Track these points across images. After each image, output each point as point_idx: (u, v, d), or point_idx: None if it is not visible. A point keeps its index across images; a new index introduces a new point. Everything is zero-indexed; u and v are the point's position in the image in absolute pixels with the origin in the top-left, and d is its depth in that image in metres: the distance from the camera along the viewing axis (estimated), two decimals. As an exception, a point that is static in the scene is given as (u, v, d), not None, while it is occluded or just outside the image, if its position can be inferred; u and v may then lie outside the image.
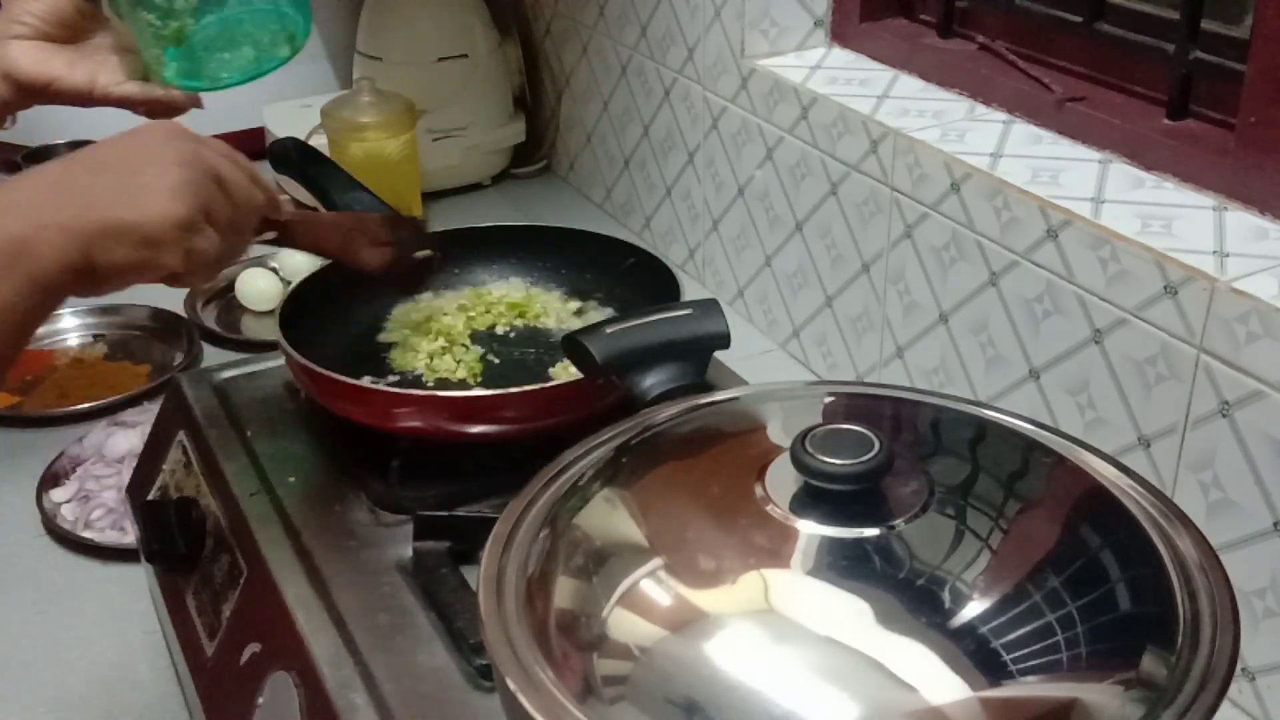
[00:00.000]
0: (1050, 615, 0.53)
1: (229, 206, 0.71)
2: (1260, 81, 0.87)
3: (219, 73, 0.90)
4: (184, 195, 0.66)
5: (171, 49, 0.87)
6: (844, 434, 0.58)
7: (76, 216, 0.62)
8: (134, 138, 0.69)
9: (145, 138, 0.69)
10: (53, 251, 0.61)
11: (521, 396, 0.89)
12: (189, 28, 0.86)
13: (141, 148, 0.68)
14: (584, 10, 1.57)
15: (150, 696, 0.94)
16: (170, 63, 0.88)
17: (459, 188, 1.69)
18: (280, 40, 0.90)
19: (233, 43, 0.89)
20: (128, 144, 0.69)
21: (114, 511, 1.09)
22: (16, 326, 0.61)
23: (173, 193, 0.66)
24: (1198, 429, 0.84)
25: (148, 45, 0.87)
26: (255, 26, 0.89)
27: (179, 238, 0.66)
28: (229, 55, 0.89)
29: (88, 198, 0.64)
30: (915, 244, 1.07)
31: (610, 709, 0.52)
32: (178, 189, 0.66)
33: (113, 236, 0.63)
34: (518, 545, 0.60)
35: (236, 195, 0.71)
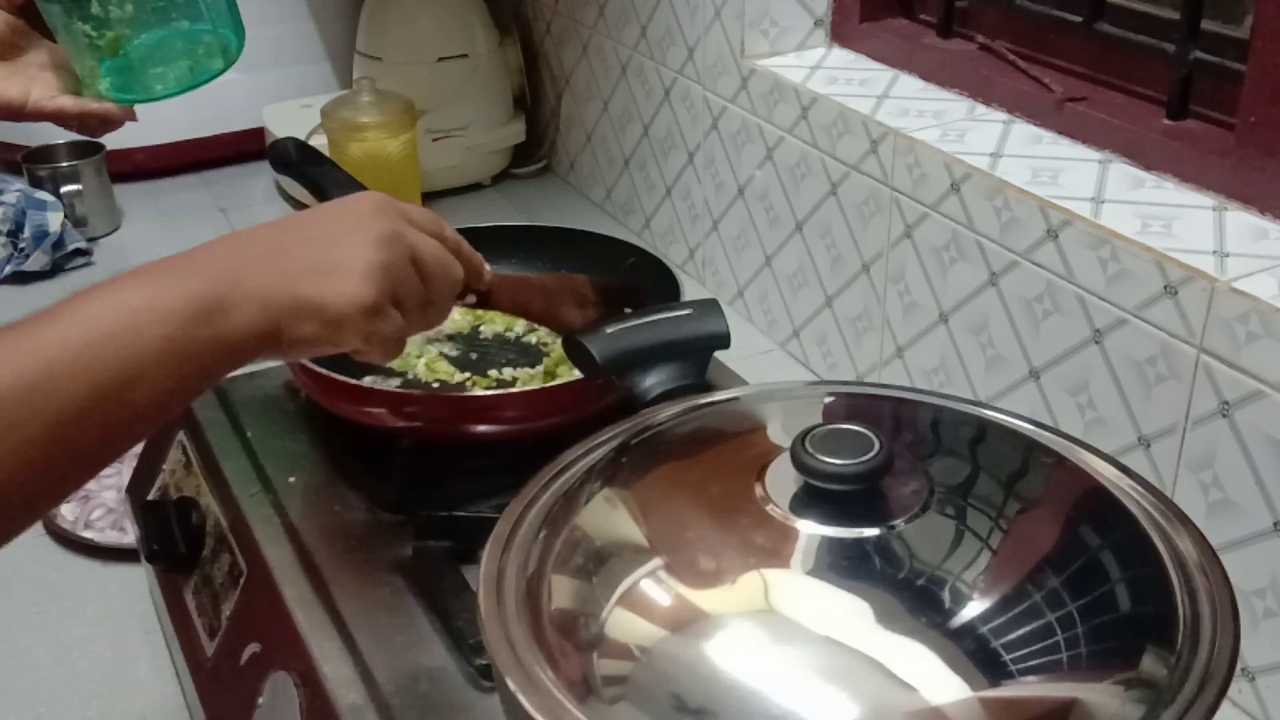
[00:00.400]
0: (1050, 615, 0.53)
1: (421, 288, 0.69)
2: (1260, 81, 0.87)
3: (153, 85, 0.90)
4: (373, 279, 0.65)
5: (106, 61, 0.87)
6: (844, 434, 0.58)
7: (273, 286, 0.62)
8: (342, 208, 0.69)
9: (353, 209, 0.68)
10: (245, 318, 0.61)
11: (521, 396, 0.89)
12: (125, 38, 0.86)
13: (345, 220, 0.67)
14: (584, 10, 1.57)
15: (150, 696, 0.94)
16: (105, 75, 0.88)
17: (459, 188, 1.69)
18: (214, 52, 0.90)
19: (167, 56, 0.89)
20: (334, 214, 0.68)
21: (114, 511, 1.09)
22: (192, 379, 0.60)
23: (363, 275, 0.65)
24: (1198, 429, 0.84)
25: (83, 57, 0.88)
26: (189, 40, 0.89)
27: (361, 321, 0.65)
28: (163, 68, 0.89)
29: (287, 268, 0.63)
30: (915, 244, 1.07)
31: (610, 709, 0.52)
32: (369, 272, 0.65)
33: (300, 312, 0.63)
34: (518, 545, 0.60)
35: (432, 276, 0.70)
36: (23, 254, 1.47)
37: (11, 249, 1.47)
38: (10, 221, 1.47)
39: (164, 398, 0.59)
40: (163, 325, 0.58)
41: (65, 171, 1.55)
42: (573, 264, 1.07)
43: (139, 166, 1.70)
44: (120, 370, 0.56)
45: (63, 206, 1.51)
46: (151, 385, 0.58)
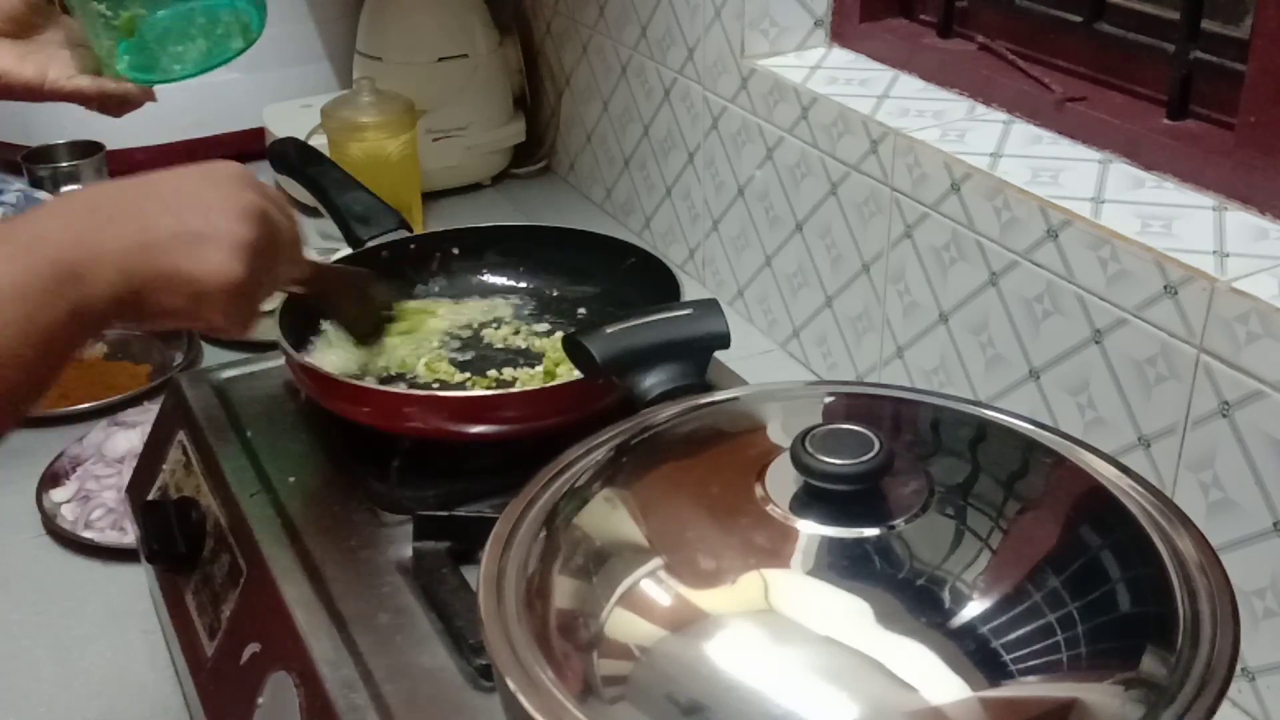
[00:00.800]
0: (1050, 615, 0.53)
1: (277, 269, 0.69)
2: (1260, 81, 0.87)
3: (171, 65, 0.88)
4: (243, 256, 0.64)
5: (124, 41, 0.86)
6: (844, 434, 0.58)
7: (133, 254, 0.60)
8: (202, 177, 0.67)
9: (214, 178, 0.67)
10: (103, 285, 0.59)
11: (521, 396, 0.89)
12: (140, 18, 0.85)
13: (209, 191, 0.66)
14: (584, 10, 1.57)
15: (150, 696, 0.94)
16: (123, 55, 0.87)
17: (459, 188, 1.69)
18: (234, 32, 0.89)
19: (185, 35, 0.88)
20: (194, 183, 0.66)
21: (114, 511, 1.09)
22: (57, 353, 0.58)
23: (234, 251, 0.64)
24: (1198, 429, 0.84)
25: (99, 37, 0.86)
26: (208, 19, 0.88)
27: (226, 299, 0.64)
28: (182, 48, 0.88)
29: (147, 235, 0.61)
30: (915, 244, 1.07)
31: (610, 709, 0.52)
32: (238, 248, 0.64)
33: (165, 284, 0.61)
34: (518, 545, 0.60)
35: (285, 256, 0.69)
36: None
37: (11, 249, 1.47)
38: (10, 221, 1.47)
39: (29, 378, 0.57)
40: (20, 304, 0.55)
41: (65, 171, 1.55)
42: (573, 264, 1.08)
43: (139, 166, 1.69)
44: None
45: (63, 206, 1.51)
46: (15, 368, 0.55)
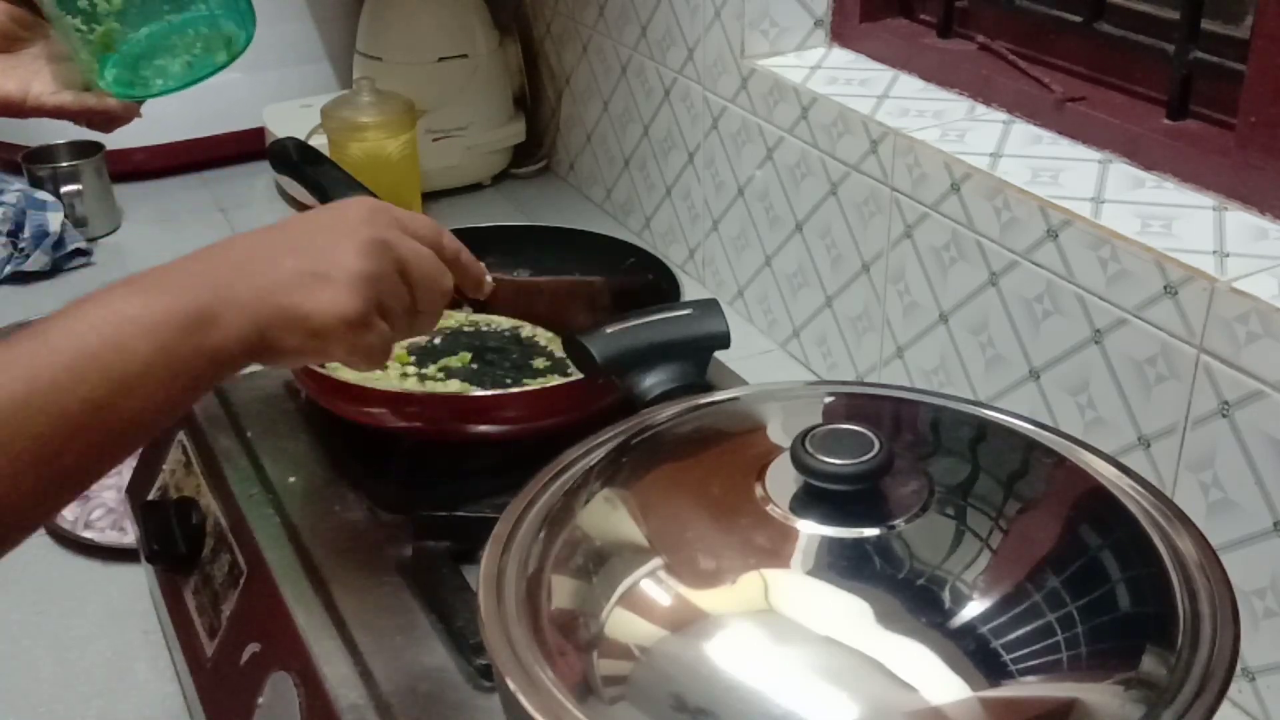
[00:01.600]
0: (1050, 615, 0.53)
1: (408, 298, 0.68)
2: (1260, 81, 0.87)
3: (154, 80, 0.87)
4: (358, 290, 0.64)
5: (104, 56, 0.86)
6: (844, 434, 0.58)
7: (259, 296, 0.62)
8: (333, 214, 0.68)
9: (342, 215, 0.67)
10: (232, 329, 0.60)
11: (521, 396, 0.89)
12: (116, 34, 0.85)
13: (334, 228, 0.66)
14: (584, 10, 1.57)
15: (150, 696, 0.94)
16: (104, 71, 0.86)
17: (459, 188, 1.69)
18: (216, 46, 0.88)
19: (167, 50, 0.87)
20: (324, 221, 0.67)
21: (114, 511, 1.09)
22: (182, 389, 0.59)
23: (349, 286, 0.64)
24: (1198, 429, 0.84)
25: (79, 52, 0.85)
26: (190, 34, 0.88)
27: (345, 333, 0.64)
28: (164, 62, 0.87)
29: (275, 278, 0.63)
30: (915, 244, 1.07)
31: (610, 709, 0.52)
32: (354, 283, 0.64)
33: (286, 323, 0.62)
34: (518, 545, 0.60)
35: (419, 285, 0.69)
36: (23, 254, 1.47)
37: (11, 249, 1.47)
38: (10, 221, 1.47)
39: (153, 410, 0.58)
40: (151, 338, 0.57)
41: (65, 171, 1.55)
42: (572, 264, 1.08)
43: (139, 166, 1.70)
44: (109, 384, 0.56)
45: (63, 206, 1.51)
46: (141, 398, 0.57)
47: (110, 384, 0.56)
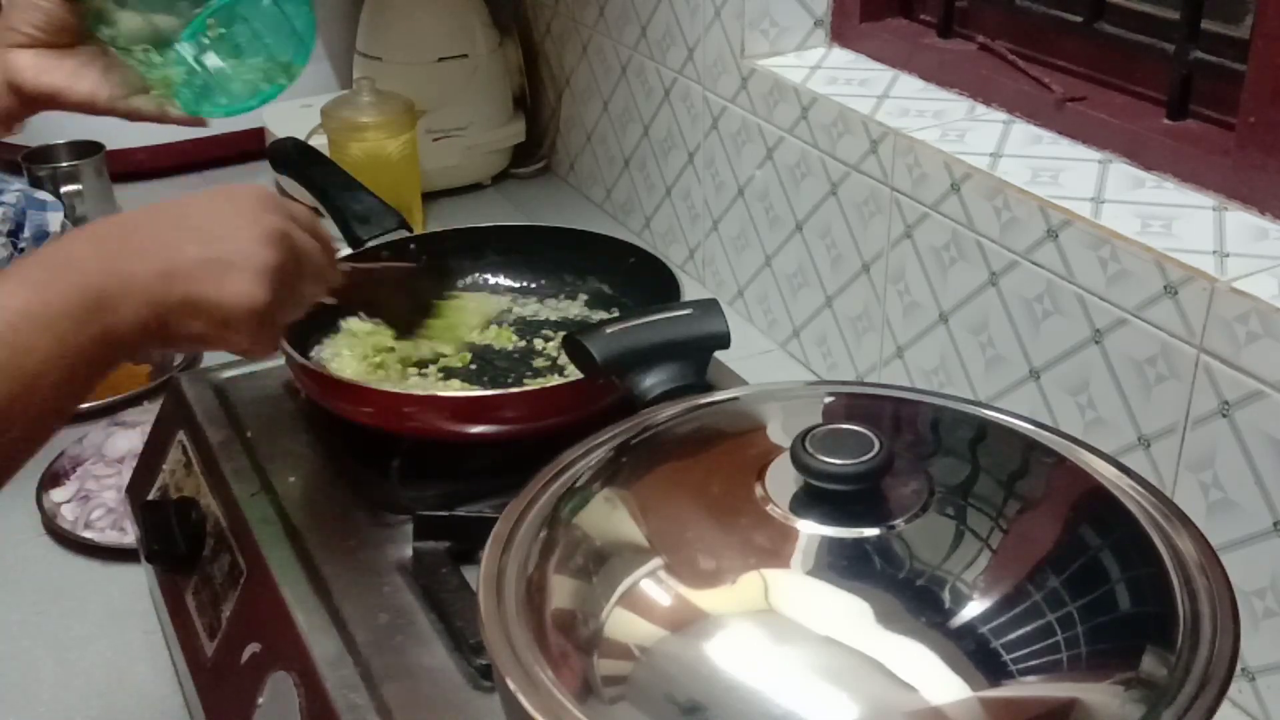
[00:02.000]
0: (1050, 615, 0.53)
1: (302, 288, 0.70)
2: (1260, 81, 0.87)
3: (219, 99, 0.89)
4: (266, 281, 0.65)
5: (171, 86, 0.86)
6: (844, 434, 0.58)
7: (158, 281, 0.62)
8: (225, 201, 0.68)
9: (237, 203, 0.68)
10: (131, 312, 0.60)
11: (521, 396, 0.89)
12: (173, 79, 0.85)
13: (232, 216, 0.67)
14: (584, 10, 1.57)
15: (150, 696, 0.94)
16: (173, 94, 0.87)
17: (459, 188, 1.69)
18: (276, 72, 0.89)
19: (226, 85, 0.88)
20: (218, 207, 0.67)
21: (114, 511, 1.09)
22: (83, 378, 0.60)
23: (257, 276, 0.64)
24: (1198, 429, 0.84)
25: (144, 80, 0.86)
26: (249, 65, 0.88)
27: (253, 324, 0.65)
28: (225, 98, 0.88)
29: (172, 263, 0.63)
30: (915, 244, 1.07)
31: (610, 709, 0.52)
32: (262, 273, 0.65)
33: (191, 310, 0.63)
34: (518, 545, 0.60)
35: (309, 279, 0.70)
36: (23, 254, 1.47)
37: (11, 249, 1.47)
38: (10, 221, 1.47)
39: (55, 403, 0.58)
40: (49, 332, 0.57)
41: (65, 171, 1.55)
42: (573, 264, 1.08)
43: (139, 166, 1.70)
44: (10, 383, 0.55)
45: (63, 206, 1.51)
46: (45, 390, 0.57)
47: (11, 383, 0.56)
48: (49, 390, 0.57)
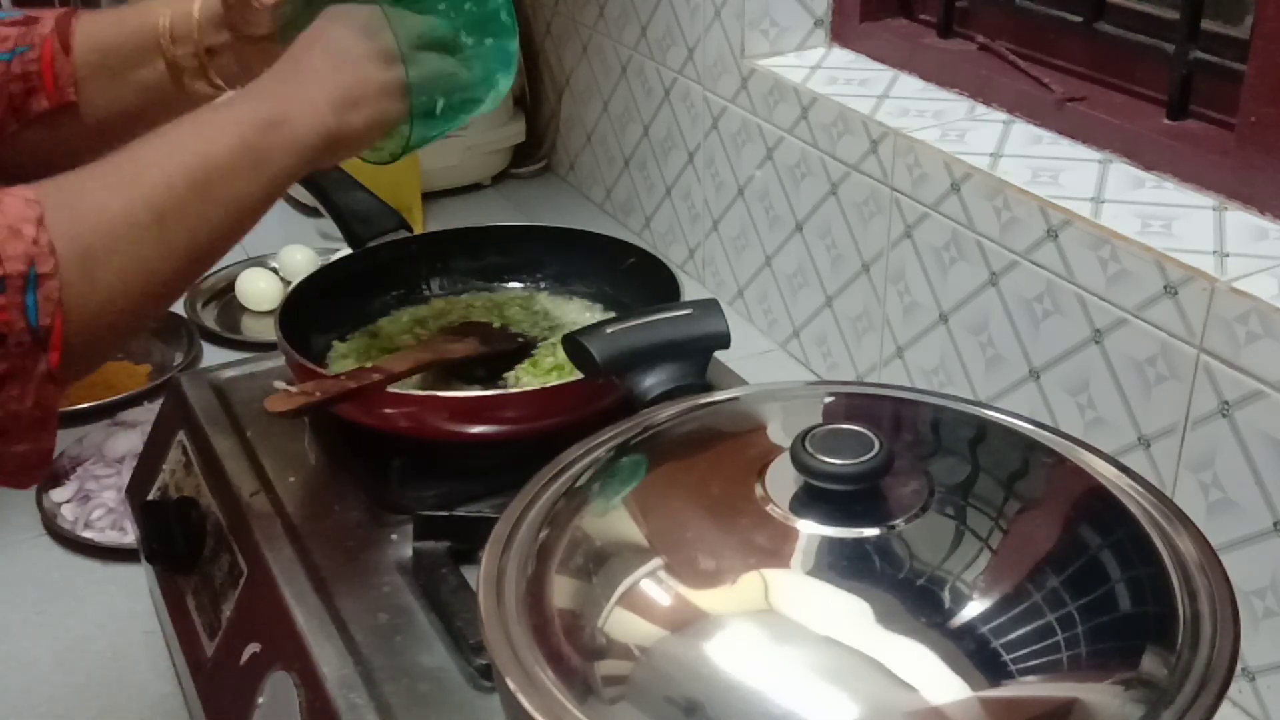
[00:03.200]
0: (1050, 615, 0.53)
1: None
2: (1260, 81, 0.87)
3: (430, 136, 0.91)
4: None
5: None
6: (844, 434, 0.58)
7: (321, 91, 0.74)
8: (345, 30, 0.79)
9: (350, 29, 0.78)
10: (308, 118, 0.73)
11: (521, 396, 0.89)
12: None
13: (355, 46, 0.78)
14: (584, 10, 1.57)
15: (150, 696, 0.94)
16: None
17: (459, 188, 1.69)
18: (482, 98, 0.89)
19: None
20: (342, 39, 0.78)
21: (114, 511, 1.09)
22: (267, 181, 0.71)
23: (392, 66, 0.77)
24: (1198, 429, 0.84)
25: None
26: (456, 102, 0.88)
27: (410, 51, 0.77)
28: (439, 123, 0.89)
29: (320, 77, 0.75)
30: (915, 244, 1.07)
31: (610, 709, 0.52)
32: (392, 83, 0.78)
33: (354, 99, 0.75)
34: (518, 545, 0.60)
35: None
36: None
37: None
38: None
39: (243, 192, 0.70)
40: (234, 130, 0.70)
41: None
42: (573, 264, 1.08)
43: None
44: (200, 167, 0.68)
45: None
46: (232, 179, 0.69)
47: (202, 168, 0.68)
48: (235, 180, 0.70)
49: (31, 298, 0.60)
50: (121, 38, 0.87)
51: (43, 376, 0.62)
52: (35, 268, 0.60)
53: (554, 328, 1.02)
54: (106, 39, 0.86)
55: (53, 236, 0.61)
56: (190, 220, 0.67)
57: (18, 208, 0.61)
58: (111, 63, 0.87)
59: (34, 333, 0.60)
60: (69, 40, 0.85)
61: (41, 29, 0.85)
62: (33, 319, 0.60)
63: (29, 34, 0.85)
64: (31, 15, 0.86)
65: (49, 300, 0.61)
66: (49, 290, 0.61)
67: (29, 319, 0.60)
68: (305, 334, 0.96)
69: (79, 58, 0.85)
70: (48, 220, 0.61)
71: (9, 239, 0.60)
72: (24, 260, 0.60)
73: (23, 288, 0.60)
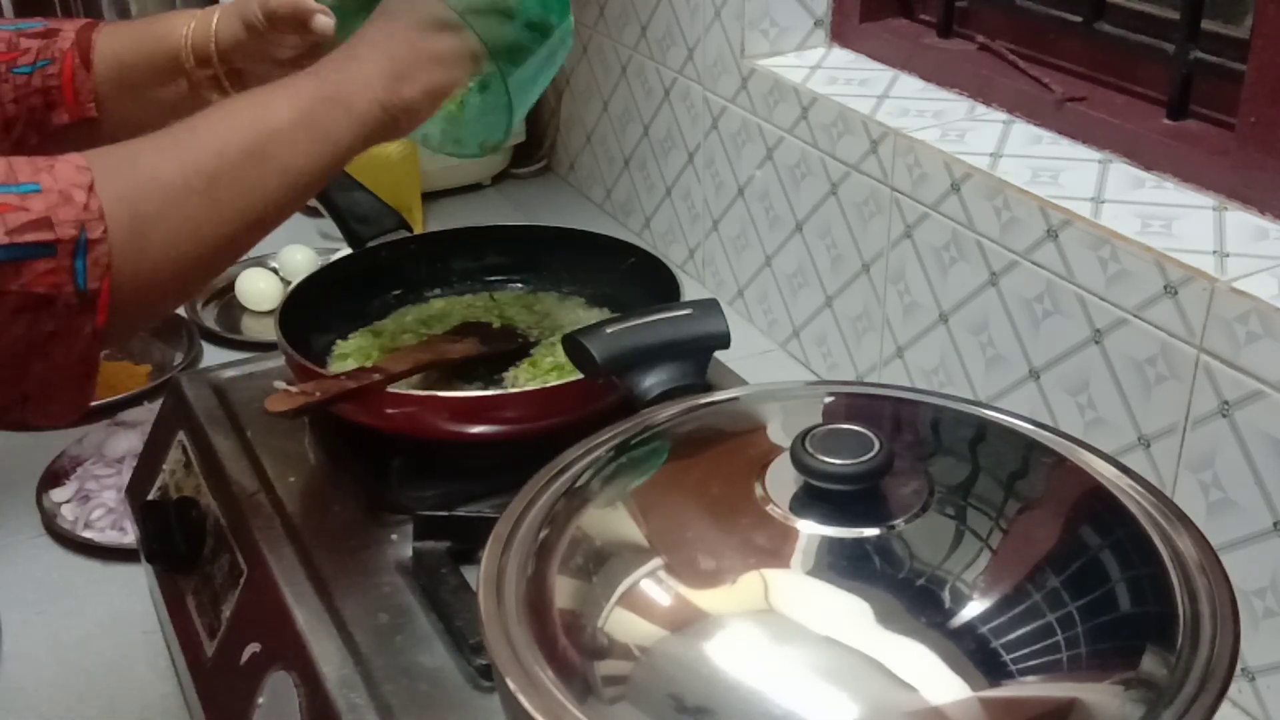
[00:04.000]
0: (1050, 615, 0.53)
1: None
2: (1260, 81, 0.87)
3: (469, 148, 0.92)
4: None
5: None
6: (844, 434, 0.58)
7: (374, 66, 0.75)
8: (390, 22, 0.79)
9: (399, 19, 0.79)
10: (363, 92, 0.74)
11: (521, 396, 0.89)
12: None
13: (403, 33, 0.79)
14: (584, 10, 1.57)
15: (150, 696, 0.94)
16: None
17: (459, 188, 1.69)
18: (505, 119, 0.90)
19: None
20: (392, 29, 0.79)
21: (114, 511, 1.09)
22: (323, 152, 0.72)
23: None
24: (1198, 429, 0.84)
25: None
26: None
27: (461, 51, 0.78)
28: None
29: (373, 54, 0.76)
30: (915, 244, 1.07)
31: (610, 709, 0.52)
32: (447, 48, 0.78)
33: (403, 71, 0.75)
34: (518, 545, 0.60)
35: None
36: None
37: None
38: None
39: (300, 161, 0.71)
40: (293, 101, 0.72)
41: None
42: (573, 264, 1.08)
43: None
44: (257, 136, 0.69)
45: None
46: (288, 147, 0.70)
47: (259, 136, 0.69)
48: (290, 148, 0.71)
49: (81, 262, 0.61)
50: (143, 57, 0.87)
51: (89, 336, 0.63)
52: (85, 233, 0.61)
53: (554, 328, 1.02)
54: (127, 58, 0.86)
55: (103, 201, 0.62)
56: (244, 187, 0.68)
57: (69, 174, 0.62)
58: (133, 80, 0.87)
59: (81, 295, 0.61)
60: (89, 55, 0.85)
61: (62, 43, 0.85)
62: (81, 283, 0.61)
63: (49, 47, 0.85)
64: (52, 27, 0.86)
65: (98, 265, 0.62)
66: (98, 255, 0.61)
67: (77, 283, 0.61)
68: (305, 334, 0.96)
69: (99, 74, 0.85)
70: (98, 185, 0.62)
71: (60, 204, 0.61)
72: (74, 225, 0.61)
73: (73, 252, 0.61)
